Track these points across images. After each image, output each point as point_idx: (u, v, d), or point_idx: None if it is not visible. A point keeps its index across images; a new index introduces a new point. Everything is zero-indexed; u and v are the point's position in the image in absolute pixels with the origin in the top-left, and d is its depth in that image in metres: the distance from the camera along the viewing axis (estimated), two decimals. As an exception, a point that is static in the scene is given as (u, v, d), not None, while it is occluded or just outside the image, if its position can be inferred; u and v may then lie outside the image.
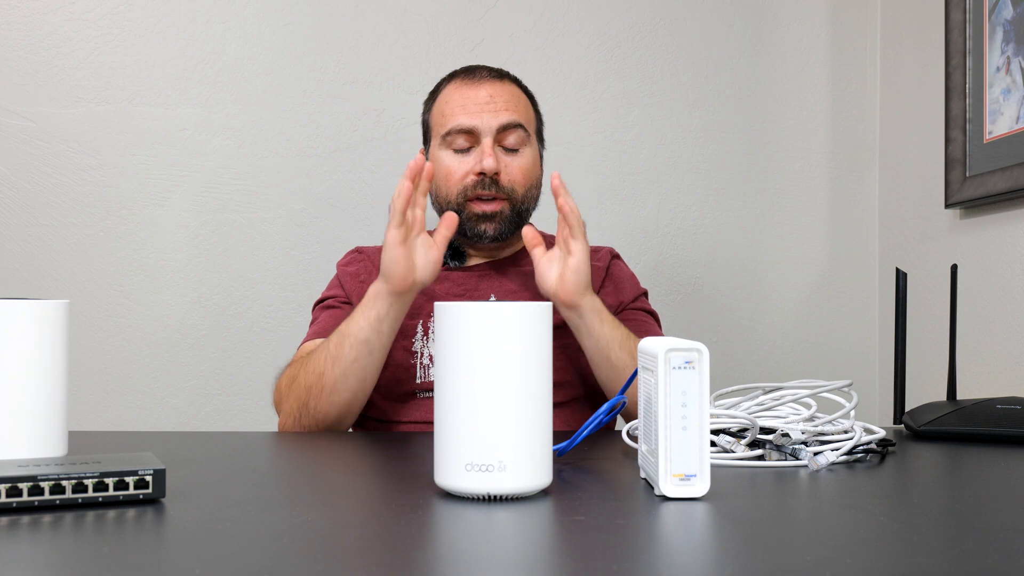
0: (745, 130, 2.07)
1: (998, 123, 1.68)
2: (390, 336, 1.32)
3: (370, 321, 1.29)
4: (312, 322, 1.53)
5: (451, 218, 1.33)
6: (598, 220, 2.01)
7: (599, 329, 1.33)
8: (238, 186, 1.88)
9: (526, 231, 1.36)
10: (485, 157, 1.44)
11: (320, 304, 1.54)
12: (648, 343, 0.88)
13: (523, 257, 1.54)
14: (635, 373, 0.94)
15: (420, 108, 1.93)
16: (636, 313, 1.53)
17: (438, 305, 0.84)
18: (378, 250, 1.57)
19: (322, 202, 1.91)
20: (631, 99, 2.03)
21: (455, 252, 1.51)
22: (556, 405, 1.40)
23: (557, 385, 1.42)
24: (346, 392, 1.32)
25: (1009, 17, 1.65)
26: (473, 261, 1.53)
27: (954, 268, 1.35)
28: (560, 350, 1.44)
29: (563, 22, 2.00)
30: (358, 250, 1.59)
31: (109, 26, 1.84)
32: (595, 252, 1.59)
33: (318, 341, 1.44)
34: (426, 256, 1.30)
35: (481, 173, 1.44)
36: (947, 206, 1.80)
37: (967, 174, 1.74)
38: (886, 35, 2.08)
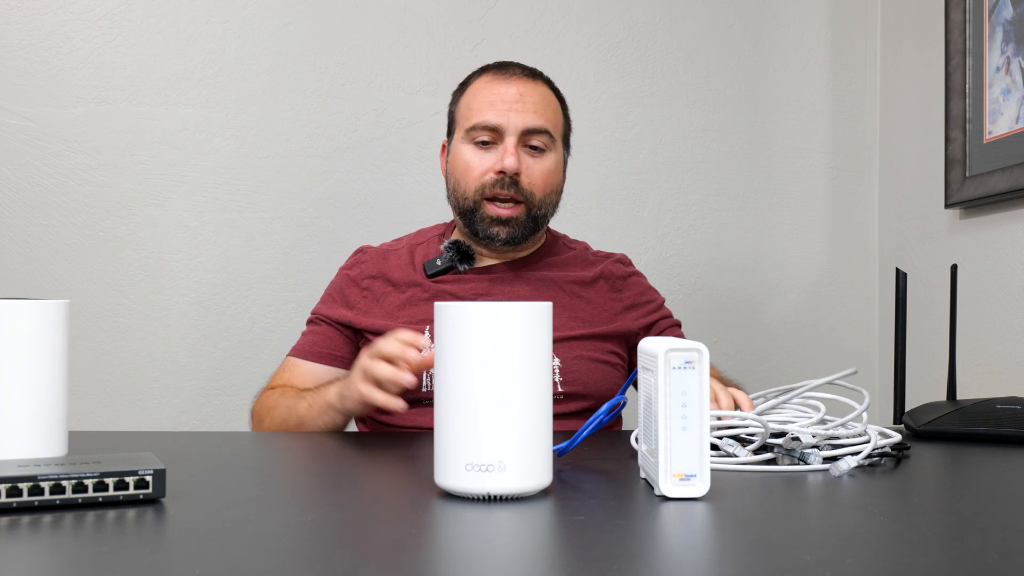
0: (745, 130, 2.07)
1: (998, 123, 1.68)
2: (327, 427, 1.33)
3: (318, 417, 1.32)
4: (302, 333, 1.54)
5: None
6: (598, 220, 2.01)
7: None
8: (238, 186, 1.88)
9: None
10: (507, 156, 1.41)
11: (311, 316, 1.54)
12: (648, 343, 0.88)
13: (537, 259, 1.52)
14: (635, 373, 0.94)
15: (420, 108, 1.93)
16: (666, 331, 1.53)
17: (438, 305, 0.84)
18: (381, 251, 1.55)
19: (322, 202, 1.91)
20: (631, 99, 2.03)
21: (464, 255, 1.47)
22: (567, 415, 1.38)
23: (568, 396, 1.40)
24: (281, 432, 1.36)
25: (1009, 17, 1.65)
26: (485, 263, 1.50)
27: (954, 268, 1.35)
28: (574, 361, 1.42)
29: (563, 22, 2.00)
30: (361, 250, 1.57)
31: (109, 26, 1.84)
32: (606, 257, 1.57)
33: (298, 363, 1.48)
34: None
35: (501, 172, 1.42)
36: (947, 206, 1.80)
37: (967, 174, 1.74)
38: (886, 35, 2.08)
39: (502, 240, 1.45)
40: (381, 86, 1.93)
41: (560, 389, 1.41)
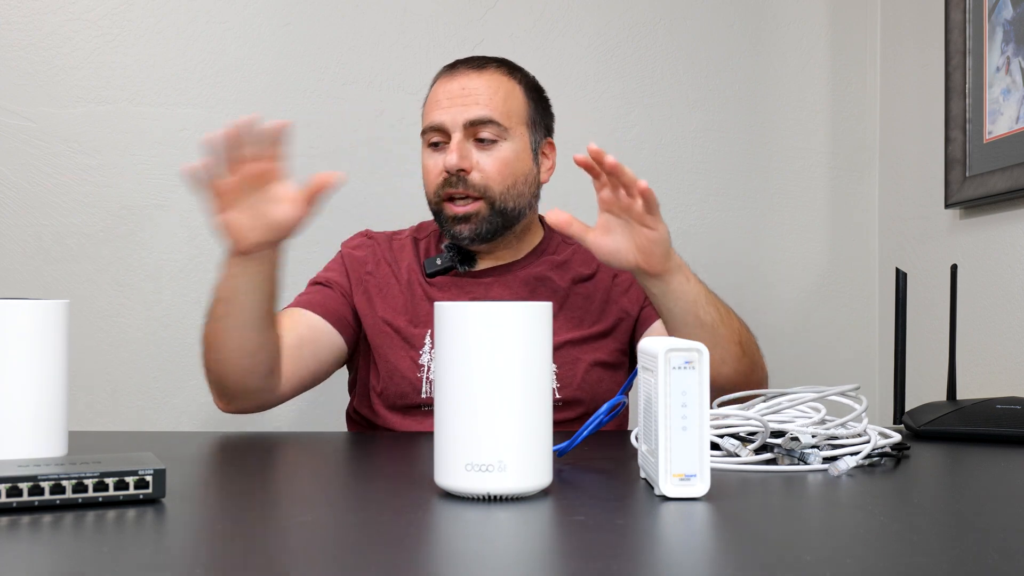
0: (745, 130, 2.07)
1: (998, 123, 1.68)
2: (254, 296, 1.21)
3: (224, 279, 1.21)
4: (305, 292, 1.47)
5: (322, 178, 1.16)
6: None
7: (685, 288, 1.23)
8: (238, 186, 1.88)
9: (552, 215, 1.22)
10: (448, 154, 1.39)
11: (318, 279, 1.48)
12: (648, 343, 0.88)
13: (534, 261, 1.48)
14: (635, 373, 0.94)
15: (420, 108, 1.93)
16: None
17: (438, 305, 0.84)
18: (388, 236, 1.53)
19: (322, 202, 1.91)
20: (631, 99, 2.03)
21: (465, 256, 1.45)
22: (566, 422, 1.36)
23: (567, 402, 1.38)
24: (225, 351, 1.25)
25: (1009, 17, 1.65)
26: (483, 265, 1.47)
27: (954, 268, 1.35)
28: (571, 365, 1.40)
29: (563, 22, 2.00)
30: (367, 234, 1.54)
31: (109, 26, 1.84)
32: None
33: (302, 313, 1.40)
34: (265, 215, 1.15)
35: (447, 171, 1.39)
36: (947, 206, 1.80)
37: (967, 174, 1.74)
38: (886, 35, 2.08)
39: (466, 238, 1.41)
40: (381, 86, 1.93)
41: (558, 396, 1.38)
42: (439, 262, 1.45)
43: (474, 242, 1.42)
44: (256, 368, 1.28)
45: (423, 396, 1.38)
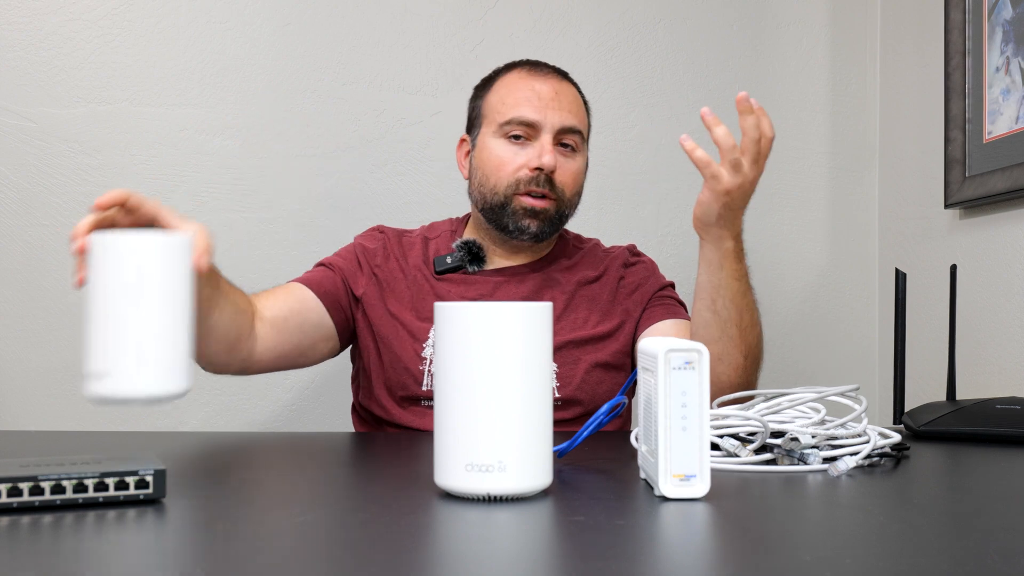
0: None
1: (998, 123, 1.68)
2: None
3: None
4: (312, 270, 1.48)
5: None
6: (598, 220, 2.00)
7: (714, 271, 1.31)
8: (238, 186, 1.88)
9: (686, 142, 1.23)
10: (545, 153, 1.41)
11: (325, 261, 1.49)
12: (648, 343, 0.88)
13: (548, 262, 1.50)
14: (635, 373, 0.94)
15: (420, 108, 1.93)
16: (663, 300, 1.49)
17: (438, 305, 0.84)
18: (399, 232, 1.54)
19: (322, 202, 1.91)
20: (631, 99, 2.03)
21: (474, 257, 1.46)
22: (564, 422, 1.37)
23: (566, 402, 1.39)
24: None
25: (1009, 17, 1.65)
26: (493, 265, 1.48)
27: (953, 268, 1.35)
28: (572, 365, 1.40)
29: (563, 22, 2.00)
30: (380, 229, 1.54)
31: (109, 26, 1.84)
32: (606, 254, 1.56)
33: (300, 288, 1.42)
34: None
35: (538, 168, 1.41)
36: (947, 206, 1.80)
37: (967, 174, 1.75)
38: (886, 35, 2.08)
39: (532, 233, 1.43)
40: (381, 86, 1.93)
41: (557, 395, 1.39)
42: (449, 260, 1.46)
43: (537, 238, 1.45)
44: (208, 349, 1.27)
45: (424, 388, 1.39)
